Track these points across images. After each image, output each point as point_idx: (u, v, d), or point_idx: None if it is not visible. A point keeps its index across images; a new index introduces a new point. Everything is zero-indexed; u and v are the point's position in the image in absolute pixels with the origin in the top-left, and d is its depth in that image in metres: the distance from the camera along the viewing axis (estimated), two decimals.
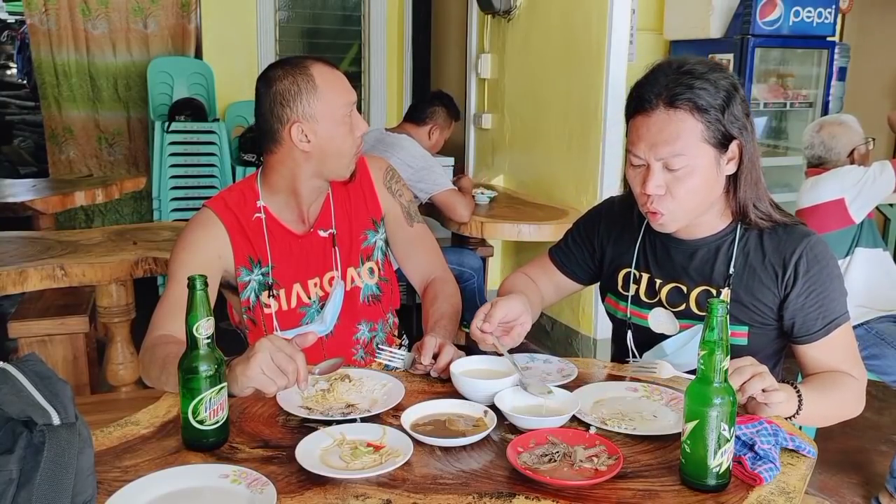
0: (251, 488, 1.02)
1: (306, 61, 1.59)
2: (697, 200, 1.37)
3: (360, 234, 1.72)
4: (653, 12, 3.56)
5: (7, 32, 9.03)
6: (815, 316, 1.38)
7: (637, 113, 1.35)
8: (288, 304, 1.65)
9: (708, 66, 1.35)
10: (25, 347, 2.55)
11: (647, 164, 1.34)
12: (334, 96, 1.58)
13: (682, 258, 1.47)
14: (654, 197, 1.35)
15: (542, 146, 3.88)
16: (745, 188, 1.39)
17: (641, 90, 1.35)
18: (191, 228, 1.62)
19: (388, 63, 5.45)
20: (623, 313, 1.55)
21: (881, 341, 2.46)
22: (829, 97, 3.75)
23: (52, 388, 0.92)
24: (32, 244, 2.50)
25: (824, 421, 1.40)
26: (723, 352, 1.01)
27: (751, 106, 3.73)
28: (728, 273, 1.42)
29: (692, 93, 1.30)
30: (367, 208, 1.75)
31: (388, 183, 1.79)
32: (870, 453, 2.89)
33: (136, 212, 5.05)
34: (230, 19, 5.02)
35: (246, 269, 1.62)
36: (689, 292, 1.46)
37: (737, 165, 1.38)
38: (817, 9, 3.47)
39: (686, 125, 1.31)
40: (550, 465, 1.07)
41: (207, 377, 1.12)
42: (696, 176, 1.33)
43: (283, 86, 1.55)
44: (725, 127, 1.33)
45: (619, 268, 1.57)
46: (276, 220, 1.65)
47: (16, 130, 7.58)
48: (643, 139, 1.33)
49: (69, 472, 0.88)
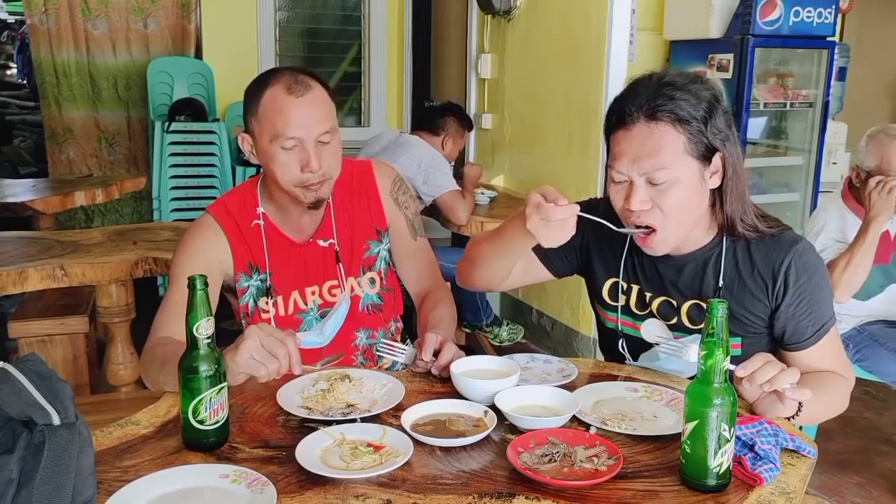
0: (251, 488, 1.02)
1: (277, 77, 1.52)
2: (685, 214, 1.34)
3: (362, 244, 1.69)
4: (653, 12, 3.56)
5: (7, 32, 9.04)
6: (807, 324, 1.38)
7: (617, 127, 1.33)
8: (285, 311, 1.64)
9: (689, 78, 1.33)
10: (25, 347, 2.55)
11: (630, 179, 1.32)
12: (273, 125, 1.50)
13: (670, 273, 1.45)
14: (639, 213, 1.33)
15: (542, 146, 3.88)
16: (731, 201, 1.37)
17: (621, 104, 1.32)
18: (192, 233, 1.62)
19: (388, 63, 5.45)
20: (613, 323, 1.53)
21: (873, 342, 2.45)
22: (829, 97, 3.74)
23: (52, 388, 0.92)
24: (32, 244, 2.50)
25: (814, 420, 1.45)
26: (723, 352, 1.01)
27: (751, 106, 3.74)
28: (718, 286, 1.40)
29: (673, 104, 1.28)
30: (372, 218, 1.71)
31: (395, 193, 1.75)
32: (870, 453, 2.89)
33: (136, 212, 5.05)
34: (230, 19, 5.02)
35: (245, 274, 1.62)
36: (679, 306, 1.45)
37: (721, 179, 1.36)
38: (817, 9, 3.46)
39: (668, 137, 1.28)
40: (550, 466, 1.07)
41: (207, 377, 1.12)
42: (680, 189, 1.30)
43: (248, 90, 1.55)
44: (708, 139, 1.30)
45: (606, 276, 1.53)
46: (275, 227, 1.64)
47: (16, 130, 7.58)
48: (625, 154, 1.31)
49: (69, 472, 0.88)
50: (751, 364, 1.18)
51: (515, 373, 1.32)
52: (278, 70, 1.56)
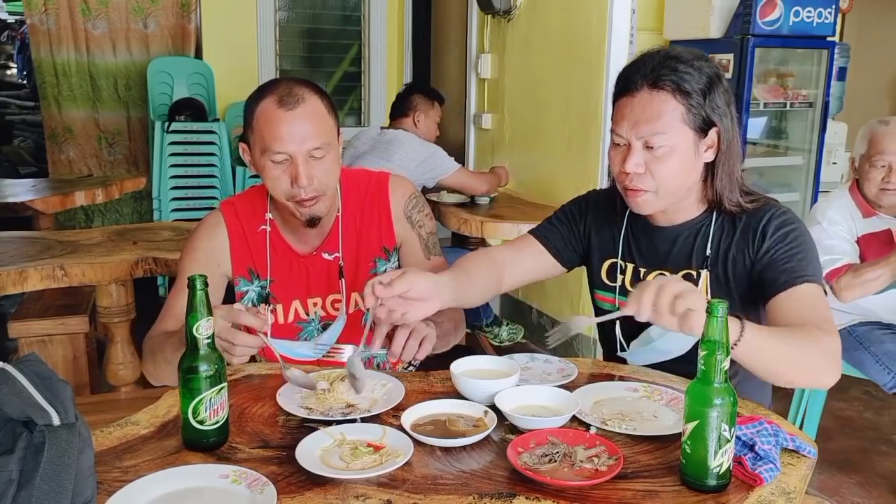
0: (251, 488, 1.02)
1: (272, 88, 1.48)
2: (676, 183, 1.41)
3: (368, 261, 1.65)
4: (653, 12, 3.55)
5: (7, 32, 9.04)
6: (782, 269, 1.37)
7: (623, 94, 1.41)
8: (285, 319, 1.63)
9: (694, 55, 1.40)
10: (25, 347, 2.55)
11: (629, 142, 1.39)
12: (262, 138, 1.46)
13: (664, 245, 1.51)
14: (633, 175, 1.39)
15: (542, 146, 3.88)
16: (721, 176, 1.43)
17: (628, 73, 1.41)
18: (198, 232, 1.63)
19: (388, 63, 5.45)
20: (611, 305, 1.57)
21: (859, 346, 2.44)
22: (829, 97, 3.74)
23: (52, 388, 0.92)
24: (32, 244, 2.50)
25: (779, 363, 1.22)
26: (723, 352, 1.01)
27: (751, 106, 3.73)
28: (705, 256, 1.46)
29: (676, 75, 1.35)
30: (381, 235, 1.66)
31: (409, 212, 1.68)
32: (870, 453, 2.89)
33: (136, 212, 5.05)
34: (230, 19, 5.01)
35: (245, 279, 1.62)
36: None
37: (715, 154, 1.42)
38: (817, 9, 3.46)
39: (668, 105, 1.36)
40: (551, 466, 1.07)
41: (207, 377, 1.12)
42: (674, 157, 1.37)
43: (247, 100, 1.51)
44: (706, 112, 1.37)
45: (604, 258, 1.59)
46: (280, 236, 1.62)
47: (16, 130, 7.58)
48: (626, 118, 1.39)
49: (69, 473, 0.88)
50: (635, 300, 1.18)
51: (515, 373, 1.32)
52: (276, 80, 1.52)
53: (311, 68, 5.48)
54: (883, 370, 2.39)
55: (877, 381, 2.43)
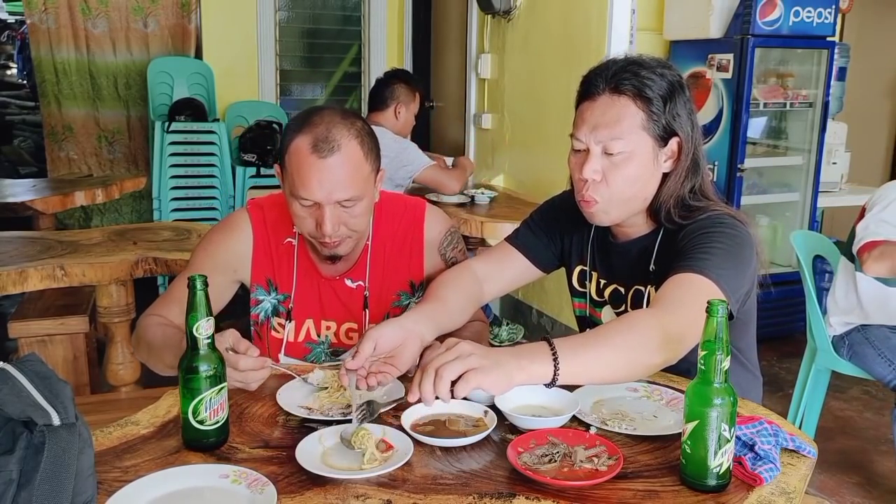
0: (251, 488, 1.02)
1: (310, 127, 1.39)
2: (632, 192, 1.37)
3: (392, 293, 1.60)
4: (653, 12, 3.56)
5: (7, 32, 9.04)
6: (679, 260, 1.30)
7: (584, 99, 1.39)
8: (295, 337, 1.60)
9: (658, 62, 1.38)
10: (25, 347, 2.55)
11: (587, 147, 1.36)
12: (292, 180, 1.40)
13: (619, 259, 1.49)
14: (589, 183, 1.37)
15: (542, 146, 3.88)
16: (668, 187, 1.37)
17: (591, 77, 1.40)
18: (221, 231, 1.60)
19: (388, 63, 5.45)
20: (581, 310, 1.59)
21: (864, 341, 2.46)
22: (828, 97, 3.74)
23: (52, 388, 0.92)
24: (32, 244, 2.50)
25: (614, 371, 1.18)
26: (723, 352, 1.01)
27: (751, 106, 3.74)
28: (650, 270, 1.43)
29: (638, 80, 1.33)
30: (410, 269, 1.61)
31: (444, 249, 1.63)
32: (870, 453, 2.89)
33: (136, 212, 5.06)
34: (230, 19, 5.02)
35: (262, 289, 1.59)
36: (626, 293, 1.49)
37: (673, 165, 1.38)
38: (817, 9, 3.47)
39: (628, 111, 1.33)
40: (551, 466, 1.07)
41: (207, 377, 1.12)
42: (632, 164, 1.35)
43: (287, 124, 1.45)
44: (666, 120, 1.35)
45: (575, 264, 1.59)
46: (306, 253, 1.58)
47: (16, 130, 7.58)
48: (586, 122, 1.36)
49: (69, 473, 0.88)
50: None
51: None
52: (318, 115, 1.41)
53: (311, 68, 5.49)
54: (885, 364, 2.40)
55: (878, 377, 2.43)
